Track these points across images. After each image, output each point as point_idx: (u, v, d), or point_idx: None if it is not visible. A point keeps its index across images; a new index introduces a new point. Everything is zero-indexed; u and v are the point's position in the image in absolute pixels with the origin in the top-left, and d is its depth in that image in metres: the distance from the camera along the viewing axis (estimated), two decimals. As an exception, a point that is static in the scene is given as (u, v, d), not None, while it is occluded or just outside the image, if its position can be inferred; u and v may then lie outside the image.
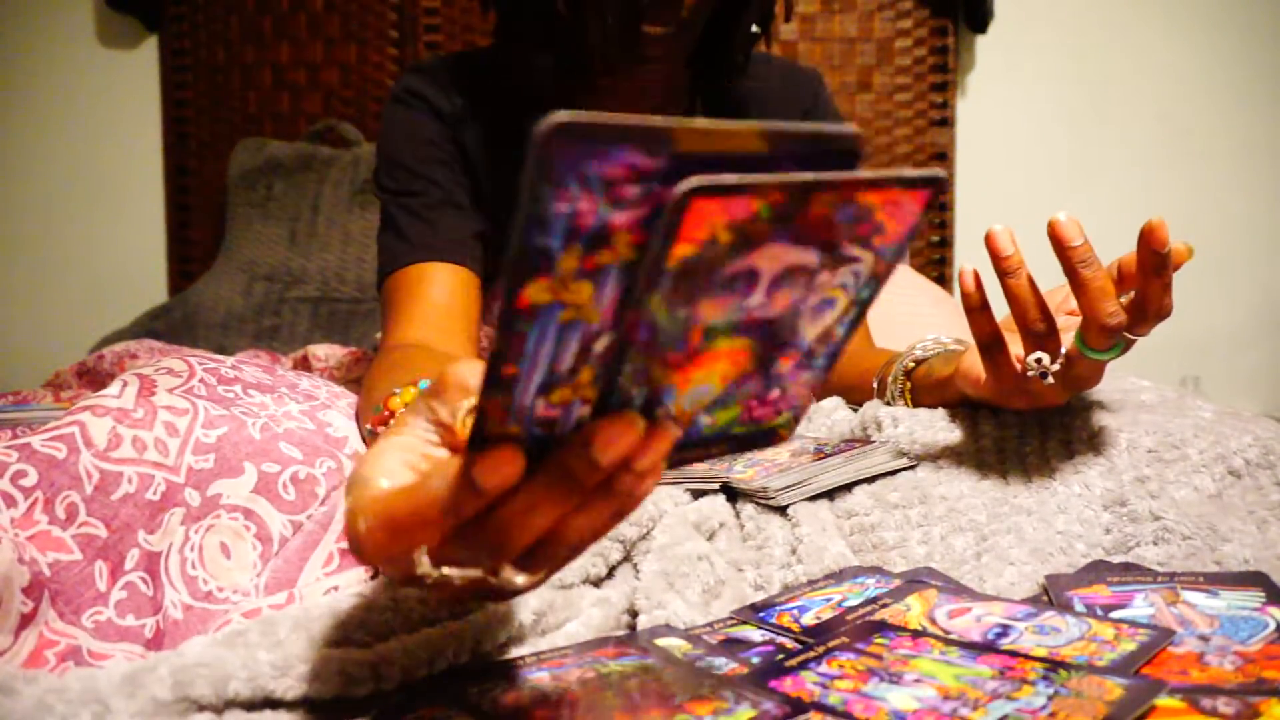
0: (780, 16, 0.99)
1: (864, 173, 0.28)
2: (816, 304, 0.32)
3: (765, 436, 0.37)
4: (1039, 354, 0.60)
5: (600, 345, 0.30)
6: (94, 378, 1.22)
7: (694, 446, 0.35)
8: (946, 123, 2.08)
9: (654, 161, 0.26)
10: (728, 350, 0.32)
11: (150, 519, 0.52)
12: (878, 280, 0.32)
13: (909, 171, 0.29)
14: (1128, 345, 0.59)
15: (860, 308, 0.33)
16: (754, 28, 0.94)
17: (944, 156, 2.09)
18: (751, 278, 0.29)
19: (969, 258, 2.10)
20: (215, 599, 0.52)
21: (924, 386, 0.76)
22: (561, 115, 0.24)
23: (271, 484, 0.56)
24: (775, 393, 0.35)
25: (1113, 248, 0.62)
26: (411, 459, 0.37)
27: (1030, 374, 0.61)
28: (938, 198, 0.30)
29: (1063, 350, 0.60)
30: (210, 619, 0.52)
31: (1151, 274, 0.55)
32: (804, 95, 1.06)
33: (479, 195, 0.95)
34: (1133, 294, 0.58)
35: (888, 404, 0.78)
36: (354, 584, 0.54)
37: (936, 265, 2.09)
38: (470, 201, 0.94)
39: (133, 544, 0.50)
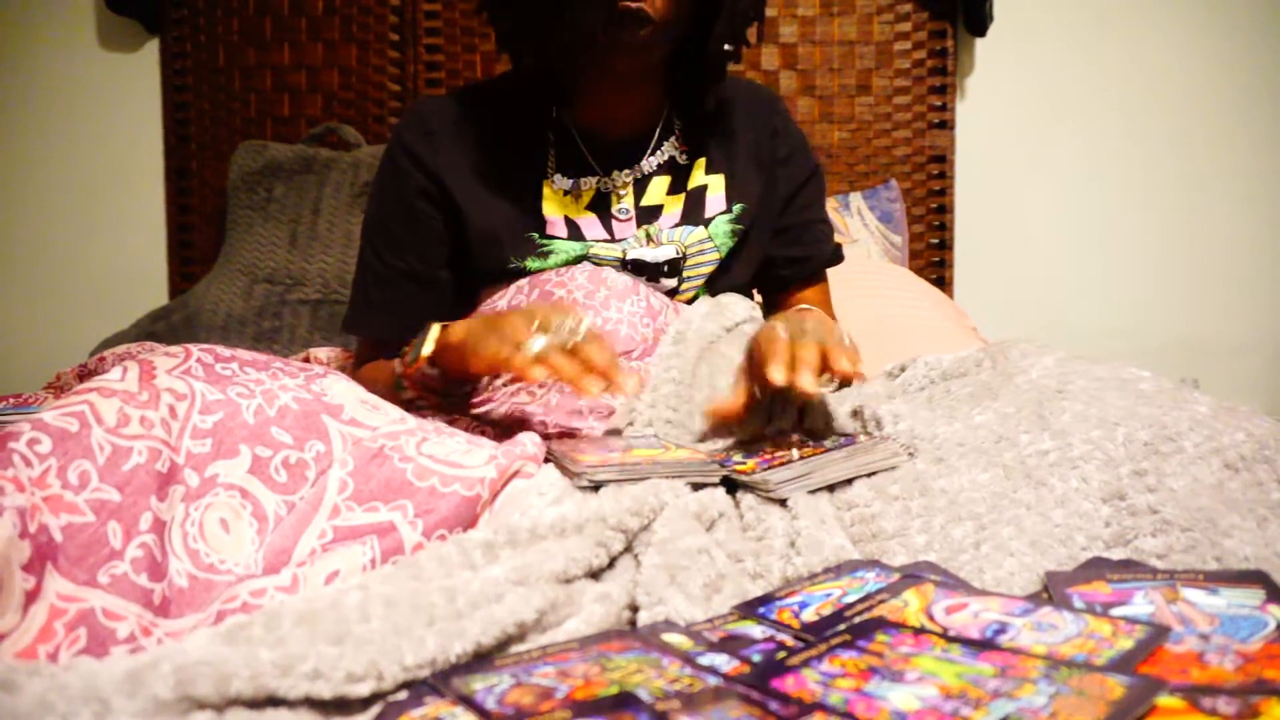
0: (754, 37, 1.04)
1: None
2: None
3: None
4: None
5: None
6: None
7: None
8: (946, 125, 2.08)
9: None
10: None
11: (160, 488, 0.53)
12: None
13: None
14: None
15: None
16: (726, 46, 0.99)
17: (943, 159, 2.09)
18: None
19: (968, 259, 2.11)
20: (218, 570, 0.54)
21: None
22: None
23: (264, 467, 0.58)
24: None
25: (1111, 249, 0.62)
26: None
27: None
28: None
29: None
30: (213, 589, 0.53)
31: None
32: (768, 114, 1.13)
33: (462, 222, 1.02)
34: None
35: None
36: (354, 569, 0.54)
37: (936, 268, 2.09)
38: (438, 252, 1.04)
39: (145, 508, 0.52)
